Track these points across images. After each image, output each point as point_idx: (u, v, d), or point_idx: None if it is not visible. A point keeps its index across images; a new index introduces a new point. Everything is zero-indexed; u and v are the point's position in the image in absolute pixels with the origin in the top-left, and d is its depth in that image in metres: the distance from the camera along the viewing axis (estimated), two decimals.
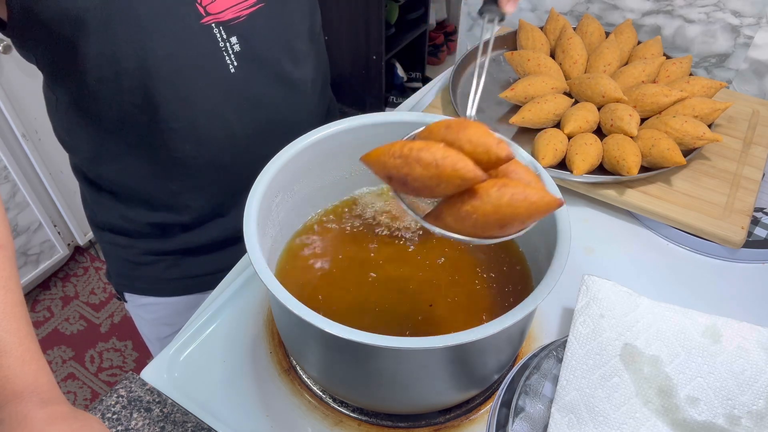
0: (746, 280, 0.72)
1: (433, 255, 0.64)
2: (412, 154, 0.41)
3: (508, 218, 0.41)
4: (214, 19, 0.63)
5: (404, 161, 0.42)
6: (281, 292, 0.46)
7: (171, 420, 0.60)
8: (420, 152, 0.41)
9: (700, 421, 0.55)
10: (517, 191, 0.40)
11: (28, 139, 1.61)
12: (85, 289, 1.94)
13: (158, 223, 0.79)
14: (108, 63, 0.62)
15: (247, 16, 0.65)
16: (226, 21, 0.64)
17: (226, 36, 0.65)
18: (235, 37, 0.65)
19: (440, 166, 0.40)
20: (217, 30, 0.64)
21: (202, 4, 0.62)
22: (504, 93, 0.86)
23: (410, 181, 0.42)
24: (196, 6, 0.62)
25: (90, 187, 0.79)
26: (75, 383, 1.70)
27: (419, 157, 0.41)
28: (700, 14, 0.98)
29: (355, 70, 2.47)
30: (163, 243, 0.80)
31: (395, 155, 0.42)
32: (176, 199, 0.76)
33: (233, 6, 0.64)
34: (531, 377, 0.58)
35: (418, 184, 0.42)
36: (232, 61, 0.66)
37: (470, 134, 0.41)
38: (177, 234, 0.80)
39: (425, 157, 0.41)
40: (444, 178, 0.40)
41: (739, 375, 0.57)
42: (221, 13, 0.64)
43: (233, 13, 0.64)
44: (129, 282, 0.85)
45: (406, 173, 0.42)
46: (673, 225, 0.74)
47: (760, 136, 0.84)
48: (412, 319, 0.59)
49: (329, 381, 0.57)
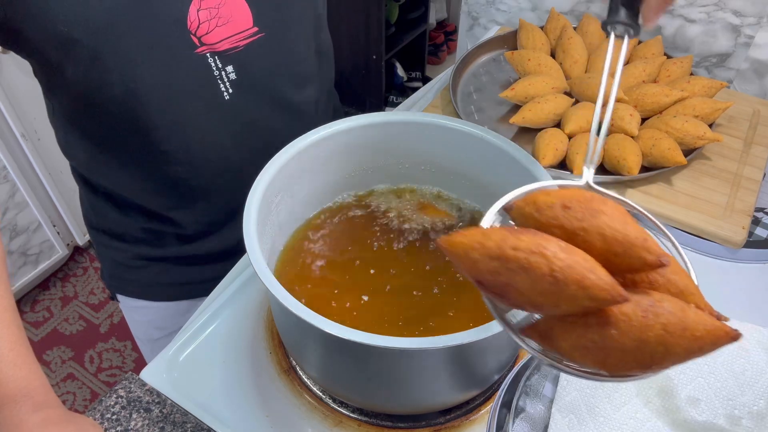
0: (747, 280, 0.72)
1: (434, 255, 0.64)
2: (517, 257, 0.29)
3: (658, 357, 0.29)
4: (210, 50, 0.62)
5: (504, 266, 0.29)
6: (281, 292, 0.46)
7: (170, 420, 0.60)
8: (529, 257, 0.28)
9: (700, 421, 0.55)
10: (672, 318, 0.28)
11: (27, 139, 1.61)
12: (85, 289, 1.93)
13: (153, 230, 0.78)
14: (96, 89, 0.61)
15: (245, 46, 0.63)
16: (221, 51, 0.62)
17: (221, 65, 0.63)
18: (231, 66, 0.63)
19: (559, 280, 0.28)
20: (212, 59, 0.62)
21: (197, 34, 0.60)
22: (504, 93, 0.85)
23: (511, 294, 0.30)
24: (190, 37, 0.60)
25: (87, 188, 0.79)
26: (74, 383, 1.70)
27: (528, 264, 0.28)
28: (701, 14, 0.98)
29: (355, 70, 2.46)
30: (157, 249, 0.80)
31: (491, 255, 0.29)
32: (170, 213, 0.75)
33: (230, 36, 0.62)
34: (531, 377, 0.58)
35: (522, 300, 0.30)
36: (227, 89, 0.64)
37: (604, 224, 0.29)
38: (171, 242, 0.79)
39: (537, 266, 0.28)
40: (564, 297, 0.28)
41: (740, 375, 0.57)
42: (217, 43, 0.62)
43: (230, 44, 0.62)
44: (121, 284, 0.85)
45: (506, 283, 0.29)
46: (674, 225, 0.74)
47: (761, 135, 0.84)
48: (412, 319, 0.59)
49: (329, 381, 0.57)
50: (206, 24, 0.60)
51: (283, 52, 0.67)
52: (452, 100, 0.88)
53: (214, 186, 0.72)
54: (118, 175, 0.72)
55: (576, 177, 0.75)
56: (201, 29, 0.60)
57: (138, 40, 0.58)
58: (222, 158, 0.70)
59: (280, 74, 0.68)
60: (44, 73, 0.63)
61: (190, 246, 0.80)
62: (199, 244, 0.79)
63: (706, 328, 0.28)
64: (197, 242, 0.79)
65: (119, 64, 0.59)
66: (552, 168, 0.77)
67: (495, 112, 0.90)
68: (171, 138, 0.66)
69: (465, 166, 0.65)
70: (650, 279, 0.32)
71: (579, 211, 0.30)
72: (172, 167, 0.69)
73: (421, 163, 0.67)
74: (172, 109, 0.63)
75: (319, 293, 0.60)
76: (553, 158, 0.76)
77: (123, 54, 0.58)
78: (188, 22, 0.59)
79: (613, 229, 0.29)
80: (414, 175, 0.69)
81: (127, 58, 0.59)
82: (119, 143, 0.67)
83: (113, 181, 0.74)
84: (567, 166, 0.77)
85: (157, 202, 0.74)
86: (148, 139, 0.65)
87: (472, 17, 1.24)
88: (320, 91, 0.77)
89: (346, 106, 2.80)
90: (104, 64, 0.58)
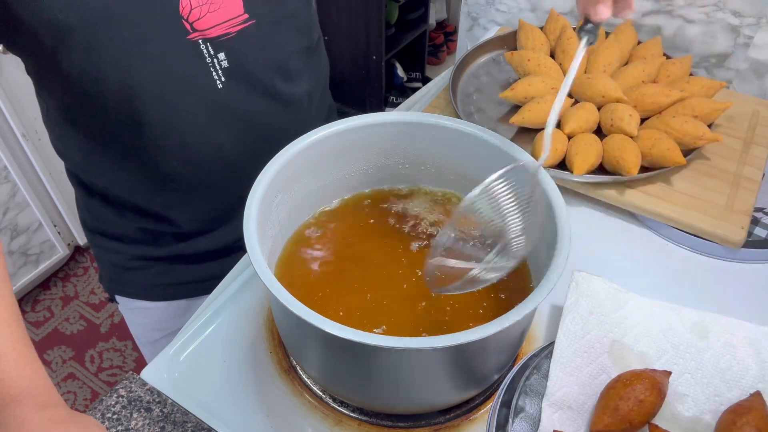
0: (746, 280, 0.72)
1: None
2: None
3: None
4: (201, 36, 0.62)
5: None
6: (281, 292, 0.46)
7: (171, 420, 0.60)
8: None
9: (687, 417, 0.55)
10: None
11: (28, 139, 1.61)
12: (85, 289, 1.94)
13: (149, 230, 0.78)
14: (92, 82, 0.61)
15: (236, 33, 0.63)
16: (213, 37, 0.62)
17: (213, 52, 0.63)
18: (222, 53, 0.64)
19: None
20: (204, 46, 0.62)
21: (189, 20, 0.61)
22: (504, 93, 0.85)
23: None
24: (182, 22, 0.60)
25: (83, 190, 0.79)
26: (75, 383, 1.70)
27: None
28: (700, 14, 0.98)
29: (355, 70, 2.46)
30: (154, 249, 0.80)
31: None
32: (166, 212, 0.75)
33: (222, 23, 0.62)
34: (531, 377, 0.58)
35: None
36: (220, 77, 0.64)
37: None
38: (168, 241, 0.79)
39: None
40: None
41: (726, 371, 0.58)
42: (209, 29, 0.62)
43: (221, 30, 0.63)
44: (120, 286, 0.84)
45: None
46: (674, 225, 0.74)
47: (760, 136, 0.84)
48: (412, 319, 0.59)
49: (329, 381, 0.57)
50: (198, 10, 0.61)
51: (273, 41, 0.68)
52: (452, 100, 0.88)
53: (210, 181, 0.72)
54: (114, 172, 0.72)
55: (576, 176, 0.75)
56: (193, 15, 0.60)
57: (132, 29, 0.58)
58: (217, 152, 0.70)
59: (270, 64, 0.69)
60: (39, 66, 0.63)
61: (187, 244, 0.80)
62: (197, 242, 0.79)
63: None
64: (194, 240, 0.79)
65: (115, 55, 0.59)
66: (552, 168, 0.77)
67: (495, 112, 0.90)
68: (166, 132, 0.66)
69: (465, 166, 0.66)
70: None
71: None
72: (168, 162, 0.69)
73: (421, 163, 0.67)
74: (166, 101, 0.64)
75: (320, 293, 0.61)
76: (552, 158, 0.76)
77: (118, 45, 0.59)
78: (180, 7, 0.60)
79: None
80: (414, 175, 0.69)
81: (123, 49, 0.59)
82: (114, 139, 0.67)
83: (109, 180, 0.74)
84: (567, 167, 0.77)
85: (154, 200, 0.74)
86: (143, 133, 0.65)
87: (471, 18, 1.24)
88: (313, 86, 0.77)
89: (346, 107, 2.79)
90: (99, 54, 0.59)
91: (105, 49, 0.58)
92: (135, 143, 0.67)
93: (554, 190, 0.55)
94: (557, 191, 0.54)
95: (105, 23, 0.57)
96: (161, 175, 0.70)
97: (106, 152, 0.70)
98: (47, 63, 0.61)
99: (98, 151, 0.70)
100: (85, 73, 0.60)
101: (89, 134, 0.68)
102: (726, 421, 0.53)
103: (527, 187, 0.53)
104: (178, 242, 0.79)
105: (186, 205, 0.75)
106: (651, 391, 0.52)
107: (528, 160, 0.56)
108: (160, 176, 0.70)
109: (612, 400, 0.53)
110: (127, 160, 0.69)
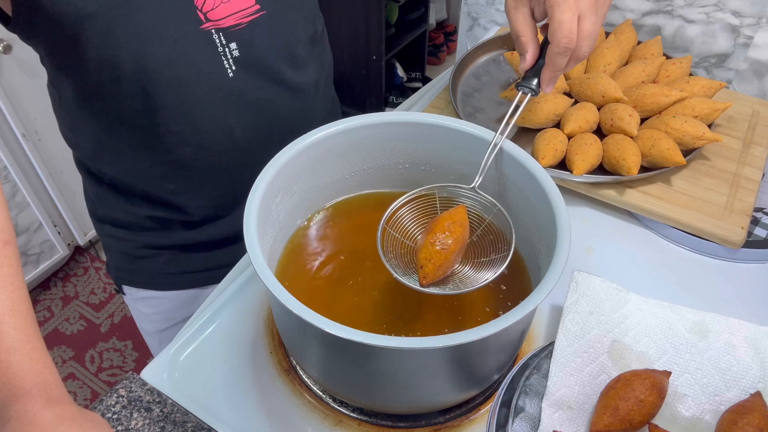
0: (746, 280, 0.72)
1: None
2: None
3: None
4: (214, 26, 0.63)
5: None
6: (281, 292, 0.46)
7: (171, 420, 0.60)
8: None
9: (687, 416, 0.55)
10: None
11: (28, 139, 1.61)
12: (85, 289, 1.94)
13: (159, 218, 0.79)
14: (108, 67, 0.62)
15: (248, 23, 0.65)
16: (226, 27, 0.64)
17: (225, 42, 0.65)
18: (234, 43, 0.65)
19: None
20: (216, 36, 0.64)
21: (203, 10, 0.62)
22: (504, 93, 0.85)
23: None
24: (196, 12, 0.62)
25: (92, 179, 0.80)
26: (75, 383, 1.70)
27: None
28: (700, 14, 0.98)
29: (355, 70, 2.47)
30: (163, 238, 0.80)
31: None
32: (176, 199, 0.76)
33: (234, 13, 0.64)
34: (531, 377, 0.58)
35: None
36: (231, 66, 0.66)
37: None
38: (177, 230, 0.80)
39: None
40: None
41: (726, 371, 0.58)
42: (222, 20, 0.64)
43: (234, 20, 0.64)
44: (128, 275, 0.85)
45: None
46: (673, 225, 0.74)
47: (760, 136, 0.84)
48: (412, 319, 0.59)
49: (329, 381, 0.57)
50: (211, 0, 0.62)
51: (282, 32, 0.69)
52: (452, 100, 0.88)
53: (221, 166, 0.73)
54: (126, 160, 0.73)
55: (576, 176, 0.76)
56: (207, 5, 0.62)
57: (149, 15, 0.60)
58: (228, 138, 0.71)
59: (279, 53, 0.70)
60: (57, 54, 0.64)
61: (196, 232, 0.80)
62: (206, 230, 0.80)
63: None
64: (203, 228, 0.80)
65: (131, 40, 0.60)
66: (552, 168, 0.77)
67: (495, 112, 0.90)
68: (179, 118, 0.67)
69: (465, 167, 0.66)
70: None
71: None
72: (180, 148, 0.70)
73: (421, 163, 0.67)
74: (180, 87, 0.65)
75: (320, 293, 0.61)
76: (552, 158, 0.76)
77: (135, 30, 0.60)
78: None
79: None
80: (414, 175, 0.69)
81: (139, 34, 0.60)
82: (128, 125, 0.68)
83: (120, 168, 0.75)
84: (566, 167, 0.77)
85: (164, 187, 0.75)
86: (156, 119, 0.67)
87: (471, 18, 1.24)
88: (319, 73, 0.78)
89: (346, 107, 2.79)
90: (117, 38, 0.60)
91: (123, 33, 0.60)
92: (149, 129, 0.68)
93: (554, 190, 0.55)
94: (557, 191, 0.54)
95: (124, 8, 0.59)
96: (173, 162, 0.71)
97: (119, 139, 0.70)
98: (66, 50, 0.62)
99: (112, 137, 0.71)
100: (101, 59, 0.61)
101: (103, 121, 0.69)
102: (727, 421, 0.53)
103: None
104: (188, 230, 0.80)
105: (196, 192, 0.76)
106: (651, 391, 0.52)
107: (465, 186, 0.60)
108: (172, 162, 0.71)
109: (612, 400, 0.53)
110: (141, 146, 0.70)
